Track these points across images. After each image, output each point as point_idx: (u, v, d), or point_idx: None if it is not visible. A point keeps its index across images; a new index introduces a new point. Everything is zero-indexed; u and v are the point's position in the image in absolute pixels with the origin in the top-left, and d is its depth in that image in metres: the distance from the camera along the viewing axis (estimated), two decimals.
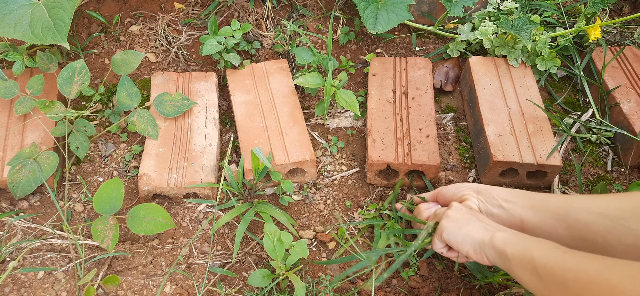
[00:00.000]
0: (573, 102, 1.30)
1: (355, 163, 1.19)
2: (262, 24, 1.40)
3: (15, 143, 1.11)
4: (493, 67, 1.27)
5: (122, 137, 1.22)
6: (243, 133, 1.15)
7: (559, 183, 1.13)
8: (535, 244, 0.69)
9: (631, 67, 1.27)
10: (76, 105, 1.26)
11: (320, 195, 1.14)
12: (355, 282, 0.99)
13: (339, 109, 1.29)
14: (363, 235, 1.06)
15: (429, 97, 1.22)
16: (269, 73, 1.28)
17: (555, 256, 0.64)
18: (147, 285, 0.98)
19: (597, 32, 1.23)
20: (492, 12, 1.37)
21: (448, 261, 1.02)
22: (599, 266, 0.58)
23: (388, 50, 1.40)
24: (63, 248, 1.03)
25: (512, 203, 0.85)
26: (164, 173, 1.08)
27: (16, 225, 1.06)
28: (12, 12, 1.03)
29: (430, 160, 1.08)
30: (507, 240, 0.73)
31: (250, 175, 1.08)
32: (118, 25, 1.40)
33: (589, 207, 0.76)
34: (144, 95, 1.28)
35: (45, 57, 1.19)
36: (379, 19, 1.24)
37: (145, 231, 0.98)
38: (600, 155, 1.20)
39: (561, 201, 0.80)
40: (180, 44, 1.38)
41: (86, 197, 1.11)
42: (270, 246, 0.93)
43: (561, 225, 0.78)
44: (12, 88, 1.13)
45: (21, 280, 0.98)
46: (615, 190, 1.11)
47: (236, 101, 1.22)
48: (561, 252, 0.65)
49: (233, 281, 1.00)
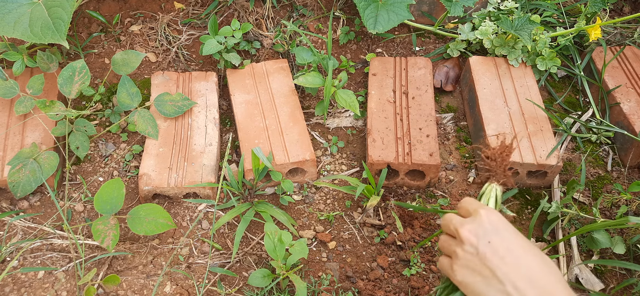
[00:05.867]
0: (573, 102, 1.30)
1: (356, 163, 1.19)
2: (262, 23, 1.40)
3: (15, 143, 1.11)
4: (493, 67, 1.27)
5: (123, 137, 1.22)
6: (243, 133, 1.15)
7: (559, 183, 1.13)
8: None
9: (631, 66, 1.27)
10: (76, 105, 1.26)
11: (320, 195, 1.14)
12: (356, 282, 1.00)
13: (339, 109, 1.29)
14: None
15: (429, 96, 1.22)
16: (269, 73, 1.28)
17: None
18: (147, 285, 0.98)
19: (597, 31, 1.23)
20: (492, 12, 1.37)
21: None
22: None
23: (388, 50, 1.40)
24: (63, 248, 1.03)
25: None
26: (164, 173, 1.08)
27: (16, 224, 1.06)
28: (12, 12, 1.03)
29: (430, 160, 1.08)
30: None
31: (250, 174, 1.08)
32: (118, 25, 1.40)
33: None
34: (144, 95, 1.28)
35: (45, 57, 1.19)
36: (379, 18, 1.24)
37: (146, 231, 0.98)
38: (601, 155, 1.20)
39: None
40: (181, 44, 1.38)
41: (86, 197, 1.11)
42: (270, 246, 0.93)
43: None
44: (13, 87, 1.13)
45: (21, 279, 0.98)
46: (615, 190, 1.11)
47: (236, 101, 1.22)
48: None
49: (233, 281, 1.00)
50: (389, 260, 1.03)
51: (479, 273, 0.62)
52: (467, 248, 0.64)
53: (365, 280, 1.00)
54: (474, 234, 0.64)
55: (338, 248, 1.05)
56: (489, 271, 0.62)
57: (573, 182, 1.03)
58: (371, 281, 1.00)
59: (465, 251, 0.64)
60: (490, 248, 0.62)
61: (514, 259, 0.61)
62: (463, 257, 0.64)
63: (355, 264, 1.03)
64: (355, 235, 1.07)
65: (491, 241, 0.63)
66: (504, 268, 0.61)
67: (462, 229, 0.65)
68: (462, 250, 0.65)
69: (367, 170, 1.07)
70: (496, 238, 0.63)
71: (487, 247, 0.63)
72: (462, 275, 0.64)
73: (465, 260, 0.64)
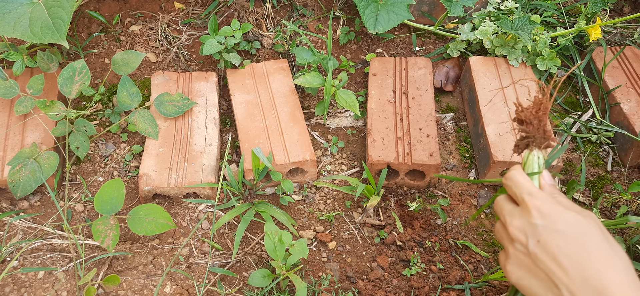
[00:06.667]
0: (573, 102, 1.30)
1: (356, 163, 1.19)
2: (262, 23, 1.40)
3: (15, 143, 1.11)
4: (493, 67, 1.27)
5: (123, 137, 1.22)
6: (243, 133, 1.15)
7: (559, 183, 1.13)
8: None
9: (631, 66, 1.27)
10: (76, 105, 1.26)
11: (320, 195, 1.14)
12: (356, 282, 1.00)
13: (339, 109, 1.29)
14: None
15: (429, 96, 1.22)
16: (269, 73, 1.28)
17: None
18: (147, 285, 0.98)
19: (598, 32, 1.23)
20: (492, 12, 1.37)
21: (447, 262, 1.02)
22: None
23: (388, 50, 1.40)
24: (63, 248, 1.03)
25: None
26: (164, 173, 1.08)
27: (16, 224, 1.06)
28: (12, 11, 1.03)
29: (430, 160, 1.08)
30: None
31: (250, 174, 1.08)
32: (118, 25, 1.40)
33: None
34: (144, 95, 1.28)
35: (45, 57, 1.19)
36: (379, 18, 1.24)
37: (146, 231, 0.98)
38: (601, 155, 1.20)
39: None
40: (181, 44, 1.38)
41: (86, 197, 1.11)
42: (270, 246, 0.93)
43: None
44: (13, 87, 1.13)
45: (21, 279, 0.98)
46: (615, 190, 1.11)
47: (236, 101, 1.22)
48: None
49: (233, 281, 1.00)
50: (389, 260, 1.03)
51: (534, 275, 0.57)
52: (517, 247, 0.59)
53: (366, 280, 1.00)
54: (521, 232, 0.59)
55: (338, 248, 1.05)
56: (543, 273, 0.56)
57: (573, 182, 1.03)
58: (371, 282, 1.00)
59: (516, 250, 0.60)
60: (540, 249, 0.57)
61: (567, 259, 0.55)
62: (514, 255, 0.60)
63: (355, 264, 1.03)
64: (355, 235, 1.07)
65: (540, 240, 0.57)
66: (557, 271, 0.55)
67: (510, 226, 0.60)
68: (513, 248, 0.60)
69: (367, 170, 1.07)
70: (546, 234, 0.57)
71: (537, 247, 0.57)
72: (517, 276, 0.60)
73: (517, 259, 0.60)
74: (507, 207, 0.63)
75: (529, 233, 0.58)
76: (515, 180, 0.63)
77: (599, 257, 0.54)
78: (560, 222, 0.57)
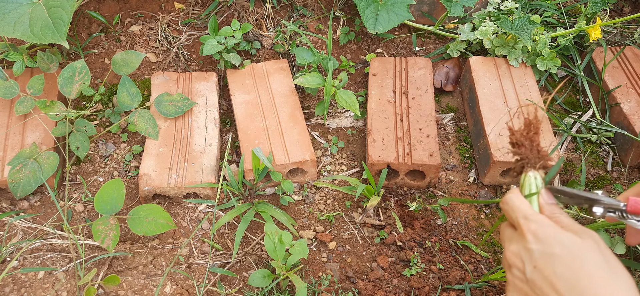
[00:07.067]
0: (573, 102, 1.30)
1: (356, 163, 1.19)
2: (262, 24, 1.40)
3: (15, 143, 1.11)
4: (493, 67, 1.27)
5: (123, 137, 1.22)
6: (243, 133, 1.15)
7: (559, 183, 1.13)
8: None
9: (631, 67, 1.27)
10: (76, 105, 1.26)
11: (320, 195, 1.14)
12: (356, 282, 1.00)
13: (339, 109, 1.29)
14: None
15: (429, 97, 1.22)
16: (269, 73, 1.28)
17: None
18: (147, 285, 0.98)
19: (598, 32, 1.23)
20: (492, 12, 1.37)
21: (447, 262, 1.02)
22: None
23: (388, 50, 1.40)
24: (63, 248, 1.03)
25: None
26: (164, 173, 1.08)
27: (16, 225, 1.06)
28: (12, 12, 1.03)
29: (430, 160, 1.08)
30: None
31: (250, 175, 1.08)
32: (118, 25, 1.40)
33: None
34: (144, 95, 1.28)
35: (45, 57, 1.19)
36: (379, 19, 1.24)
37: (146, 231, 0.98)
38: (601, 155, 1.20)
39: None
40: (181, 44, 1.38)
41: (86, 197, 1.11)
42: (270, 246, 0.93)
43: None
44: (13, 88, 1.13)
45: (21, 279, 0.98)
46: (615, 190, 1.11)
47: (236, 101, 1.22)
48: None
49: (233, 281, 1.00)
50: (389, 260, 1.03)
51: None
52: (515, 273, 0.58)
53: (366, 280, 1.00)
54: (518, 258, 0.58)
55: (338, 248, 1.05)
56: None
57: (573, 182, 1.03)
58: (371, 282, 1.00)
59: (514, 276, 0.58)
60: (537, 275, 0.55)
61: (565, 285, 0.53)
62: (513, 283, 0.58)
63: (355, 264, 1.03)
64: (356, 235, 1.07)
65: (537, 266, 0.55)
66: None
67: (507, 251, 0.59)
68: (511, 275, 0.59)
69: (367, 170, 1.07)
70: (542, 260, 0.55)
71: (534, 274, 0.55)
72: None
73: (515, 287, 0.58)
74: (507, 232, 0.62)
75: (526, 259, 0.57)
76: (510, 204, 0.62)
77: (598, 280, 0.53)
78: (556, 246, 0.55)
